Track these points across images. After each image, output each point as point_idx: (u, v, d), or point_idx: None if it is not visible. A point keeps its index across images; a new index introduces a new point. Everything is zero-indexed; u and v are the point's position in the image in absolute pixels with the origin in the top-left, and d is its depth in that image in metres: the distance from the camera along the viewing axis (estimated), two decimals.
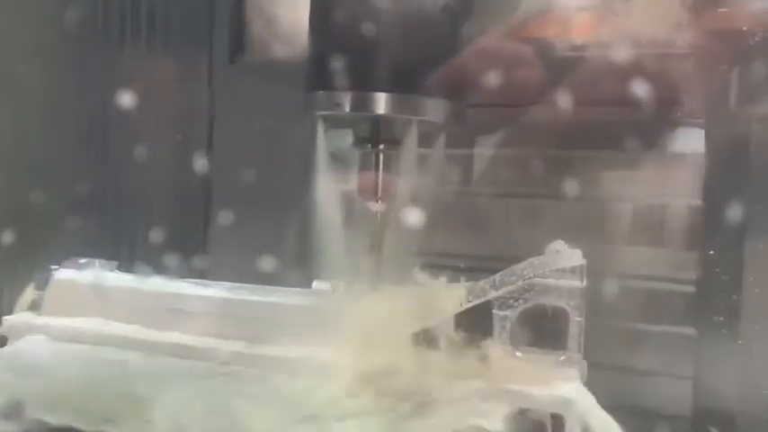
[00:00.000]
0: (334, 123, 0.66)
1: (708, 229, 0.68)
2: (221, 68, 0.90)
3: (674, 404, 0.68)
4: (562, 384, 0.54)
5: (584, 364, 0.56)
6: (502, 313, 0.56)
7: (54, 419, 0.54)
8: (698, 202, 0.70)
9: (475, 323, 0.57)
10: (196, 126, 0.92)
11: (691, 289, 0.69)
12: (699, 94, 0.68)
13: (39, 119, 0.89)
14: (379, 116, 0.62)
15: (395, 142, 0.64)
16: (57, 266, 0.71)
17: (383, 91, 0.61)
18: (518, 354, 0.57)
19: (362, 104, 0.61)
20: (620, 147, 0.72)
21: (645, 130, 0.72)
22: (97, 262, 0.71)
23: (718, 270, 0.66)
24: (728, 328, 0.65)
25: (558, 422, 0.52)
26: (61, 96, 0.90)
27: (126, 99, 0.80)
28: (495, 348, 0.56)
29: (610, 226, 0.75)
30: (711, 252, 0.67)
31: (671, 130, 0.73)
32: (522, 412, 0.53)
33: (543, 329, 0.57)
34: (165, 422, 0.53)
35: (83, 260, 0.71)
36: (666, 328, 0.70)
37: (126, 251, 0.89)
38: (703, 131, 0.70)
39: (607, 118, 0.72)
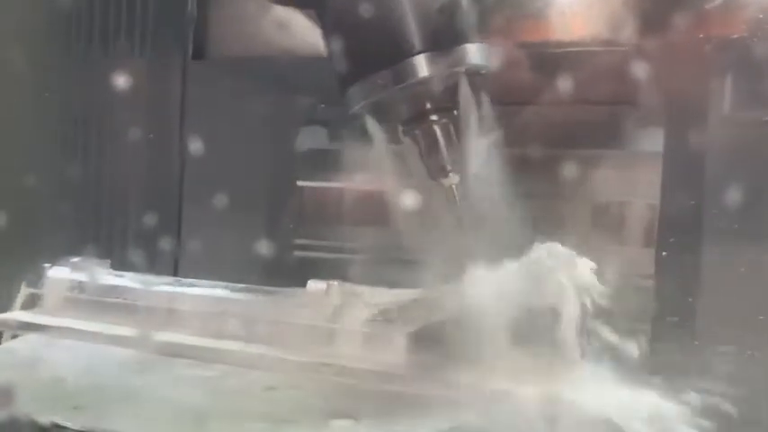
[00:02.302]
0: (382, 114, 0.61)
1: (663, 230, 0.68)
2: (193, 65, 0.90)
3: None
4: (559, 383, 0.54)
5: (583, 363, 0.56)
6: (498, 310, 0.56)
7: (46, 416, 0.53)
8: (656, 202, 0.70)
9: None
10: (169, 122, 0.92)
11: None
12: (659, 96, 0.68)
13: (24, 114, 0.89)
14: (425, 81, 0.58)
15: (445, 110, 0.61)
16: (50, 264, 0.71)
17: (420, 53, 0.57)
18: (515, 353, 0.57)
19: (405, 73, 0.58)
20: (581, 145, 0.73)
21: (607, 129, 0.72)
22: (90, 260, 0.71)
23: (673, 271, 0.66)
24: (683, 329, 0.65)
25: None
26: (45, 92, 0.91)
27: (104, 97, 0.80)
28: (491, 348, 0.56)
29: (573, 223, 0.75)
30: (665, 253, 0.67)
31: (632, 130, 0.73)
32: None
33: (538, 329, 0.57)
34: (157, 420, 0.53)
35: (75, 258, 0.71)
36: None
37: (107, 243, 0.89)
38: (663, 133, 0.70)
39: (568, 117, 0.73)
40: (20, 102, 0.89)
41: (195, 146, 0.87)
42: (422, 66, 0.58)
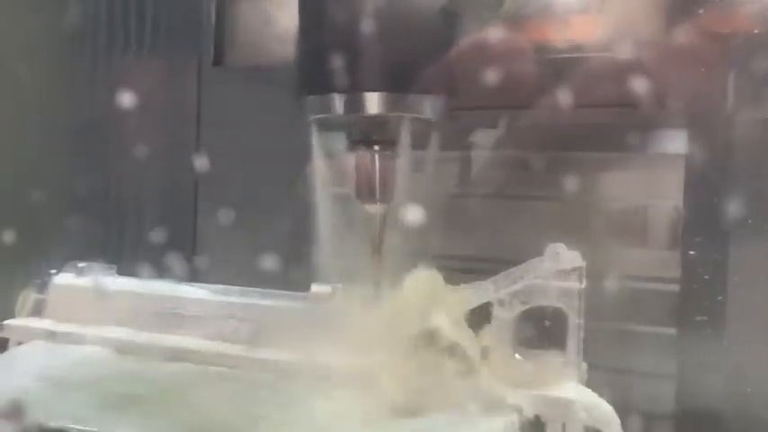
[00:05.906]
0: (328, 126, 0.65)
1: (689, 229, 0.68)
2: (209, 71, 0.90)
3: (657, 403, 0.67)
4: (561, 385, 0.54)
5: (584, 365, 0.56)
6: (502, 315, 0.56)
7: (54, 422, 0.53)
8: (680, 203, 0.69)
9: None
10: (185, 128, 0.92)
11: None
12: (682, 97, 0.68)
13: (36, 122, 0.89)
14: (373, 116, 0.61)
15: (389, 143, 0.63)
16: (56, 271, 0.71)
17: (375, 90, 0.61)
18: (517, 355, 0.57)
19: (355, 105, 0.61)
20: (602, 148, 0.72)
21: (628, 131, 0.71)
22: (96, 266, 0.71)
23: (700, 271, 0.66)
24: (712, 329, 0.65)
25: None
26: (56, 100, 0.91)
27: (118, 103, 0.80)
28: (495, 350, 0.56)
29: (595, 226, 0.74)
30: (692, 252, 0.66)
31: (655, 131, 0.72)
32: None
33: (543, 331, 0.57)
34: (163, 425, 0.53)
35: (81, 264, 0.71)
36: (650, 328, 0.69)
37: (118, 252, 0.89)
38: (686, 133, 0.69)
39: (590, 120, 0.72)
40: (33, 110, 0.89)
41: (211, 153, 0.88)
42: (374, 103, 0.61)
